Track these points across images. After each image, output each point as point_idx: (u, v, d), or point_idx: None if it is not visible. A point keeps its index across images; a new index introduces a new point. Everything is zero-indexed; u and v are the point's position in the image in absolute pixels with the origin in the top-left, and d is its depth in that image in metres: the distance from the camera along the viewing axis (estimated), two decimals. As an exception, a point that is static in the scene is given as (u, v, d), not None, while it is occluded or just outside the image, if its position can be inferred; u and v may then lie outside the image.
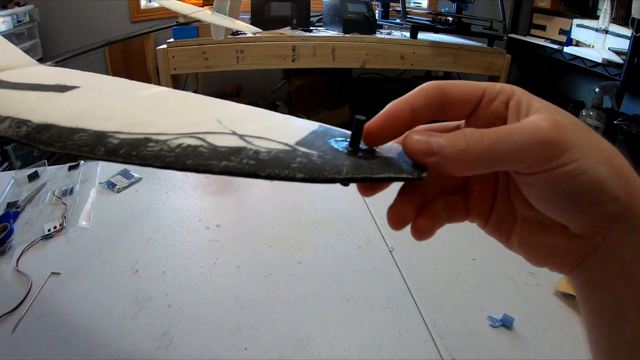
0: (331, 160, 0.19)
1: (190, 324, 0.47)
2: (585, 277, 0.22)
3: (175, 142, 0.20)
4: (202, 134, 0.21)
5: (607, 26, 1.64)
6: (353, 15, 1.80)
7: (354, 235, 0.64)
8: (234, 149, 0.19)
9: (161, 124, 0.23)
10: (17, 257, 0.55)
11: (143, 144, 0.21)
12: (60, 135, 0.23)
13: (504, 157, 0.19)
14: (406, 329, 0.47)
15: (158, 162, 0.20)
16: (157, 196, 0.72)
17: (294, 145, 0.20)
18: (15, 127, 0.25)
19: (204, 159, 0.19)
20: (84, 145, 0.22)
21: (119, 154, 0.21)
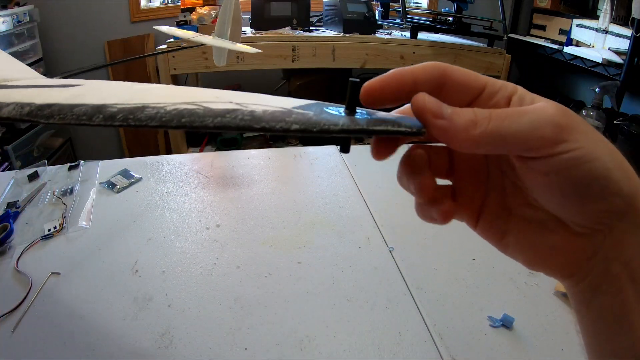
0: (327, 117, 0.19)
1: (190, 324, 0.47)
2: (586, 282, 0.21)
3: (172, 107, 0.21)
4: (200, 102, 0.21)
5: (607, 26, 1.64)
6: (353, 15, 1.80)
7: (354, 235, 0.64)
8: (229, 110, 0.20)
9: (160, 99, 0.23)
10: (17, 257, 0.55)
11: (140, 110, 0.21)
12: (62, 109, 0.24)
13: (511, 137, 0.18)
14: (406, 329, 0.47)
15: (153, 121, 0.20)
16: (157, 196, 0.72)
17: (290, 108, 0.20)
18: (18, 109, 0.26)
19: (199, 116, 0.19)
20: (83, 115, 0.22)
21: (116, 118, 0.21)
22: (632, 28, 1.49)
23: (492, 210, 0.24)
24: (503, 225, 0.23)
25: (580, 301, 0.22)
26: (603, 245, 0.20)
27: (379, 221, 0.67)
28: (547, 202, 0.20)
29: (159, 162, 0.84)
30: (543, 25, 2.12)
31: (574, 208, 0.19)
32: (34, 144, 1.80)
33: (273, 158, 0.88)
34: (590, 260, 0.20)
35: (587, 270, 0.21)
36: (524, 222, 0.22)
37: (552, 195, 0.20)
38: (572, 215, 0.20)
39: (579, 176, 0.18)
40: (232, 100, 0.22)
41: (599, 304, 0.21)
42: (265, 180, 0.79)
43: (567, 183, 0.19)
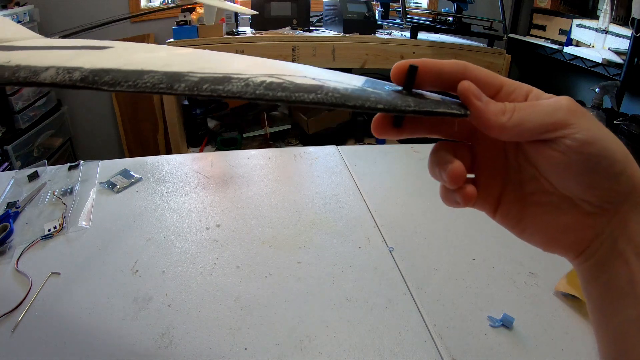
0: (398, 98, 0.21)
1: (190, 324, 0.47)
2: (595, 258, 0.23)
3: (257, 79, 0.21)
4: (279, 75, 0.22)
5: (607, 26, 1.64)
6: (353, 15, 1.80)
7: (354, 235, 0.64)
8: (315, 86, 0.21)
9: (232, 68, 0.23)
10: (17, 257, 0.55)
11: (226, 80, 0.21)
12: (127, 76, 0.23)
13: (531, 123, 0.22)
14: (406, 329, 0.47)
15: (248, 94, 0.20)
16: (157, 196, 0.72)
17: (361, 86, 0.22)
18: (65, 73, 0.24)
19: (292, 91, 0.20)
20: (160, 83, 0.21)
21: (202, 88, 0.21)
22: (632, 28, 1.49)
23: (510, 199, 0.26)
24: (520, 212, 0.26)
25: (589, 279, 0.24)
26: (610, 224, 0.22)
27: (379, 221, 0.67)
28: (560, 182, 0.23)
29: (159, 162, 0.84)
30: (543, 25, 2.12)
31: (584, 186, 0.22)
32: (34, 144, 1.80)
33: (273, 158, 0.88)
34: (599, 237, 0.23)
35: (596, 247, 0.23)
36: (538, 207, 0.25)
37: (566, 174, 0.22)
38: (582, 194, 0.23)
39: (589, 154, 0.21)
40: (303, 74, 0.23)
41: (607, 279, 0.23)
42: (265, 180, 0.79)
43: (578, 161, 0.21)
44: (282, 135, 1.88)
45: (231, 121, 1.90)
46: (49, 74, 0.25)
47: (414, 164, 0.89)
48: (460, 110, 0.22)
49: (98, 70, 0.24)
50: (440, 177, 0.25)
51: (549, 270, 0.57)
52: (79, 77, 0.24)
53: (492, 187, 0.27)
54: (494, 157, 0.26)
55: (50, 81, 0.24)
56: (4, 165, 1.60)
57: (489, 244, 0.63)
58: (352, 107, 0.20)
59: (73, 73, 0.24)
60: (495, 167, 0.26)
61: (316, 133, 1.84)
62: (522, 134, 0.22)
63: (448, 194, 0.25)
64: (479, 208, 0.28)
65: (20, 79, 0.25)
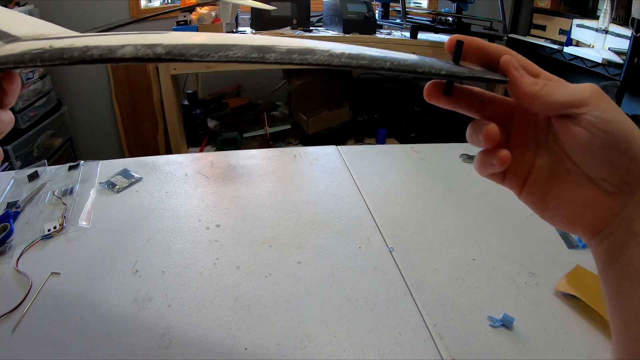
0: (453, 67, 0.25)
1: (190, 324, 0.47)
2: (611, 239, 0.25)
3: (336, 50, 0.23)
4: (351, 49, 0.24)
5: (607, 26, 1.64)
6: (353, 16, 1.80)
7: (354, 235, 0.64)
8: (385, 57, 0.23)
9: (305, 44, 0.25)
10: (17, 257, 0.55)
11: (310, 51, 0.23)
12: (217, 48, 0.23)
13: (558, 97, 0.25)
14: (406, 329, 0.47)
15: (335, 62, 0.22)
16: (157, 196, 0.72)
17: (419, 58, 0.25)
18: (145, 49, 0.25)
19: (371, 60, 0.23)
20: (251, 53, 0.22)
21: (292, 57, 0.22)
22: (632, 28, 1.49)
23: (536, 178, 0.28)
24: (544, 190, 0.28)
25: (606, 260, 0.26)
26: (627, 206, 0.24)
27: (379, 221, 0.67)
28: (583, 159, 0.25)
29: (159, 162, 0.84)
30: (543, 25, 2.12)
31: (603, 163, 0.24)
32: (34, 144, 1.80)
33: (273, 158, 0.88)
34: (615, 218, 0.25)
35: (612, 228, 0.25)
36: (561, 185, 0.27)
37: (587, 150, 0.25)
38: (601, 172, 0.25)
39: (608, 132, 0.23)
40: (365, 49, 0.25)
41: (623, 261, 0.24)
42: (265, 180, 0.79)
43: (599, 138, 0.24)
44: (282, 135, 1.88)
45: (231, 121, 1.90)
46: (127, 50, 0.25)
47: (414, 164, 0.89)
48: (502, 77, 0.26)
49: (181, 45, 0.24)
50: (478, 140, 0.28)
51: (549, 270, 0.57)
52: (163, 51, 0.24)
53: (522, 165, 0.29)
54: (526, 138, 0.29)
55: (130, 56, 0.25)
56: (4, 165, 1.60)
57: (489, 244, 0.63)
58: (421, 73, 0.23)
59: (155, 48, 0.25)
60: (526, 147, 0.29)
61: (316, 133, 1.84)
62: (550, 105, 0.25)
63: (485, 159, 0.28)
64: (508, 185, 0.30)
65: (95, 56, 0.26)
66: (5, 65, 0.29)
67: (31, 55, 0.29)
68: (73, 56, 0.27)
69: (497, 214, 0.70)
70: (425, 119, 1.89)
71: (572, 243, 0.64)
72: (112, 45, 0.26)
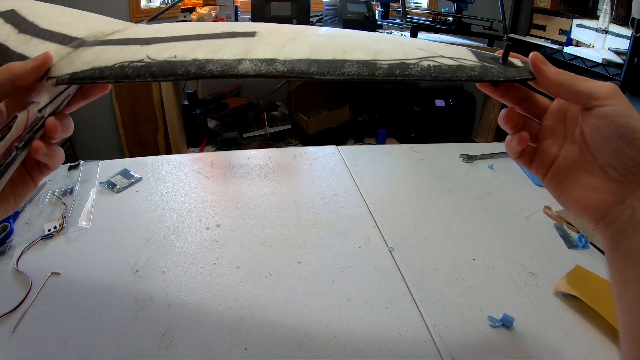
0: (506, 69, 0.30)
1: (190, 324, 0.47)
2: (616, 225, 0.28)
3: (423, 63, 0.28)
4: (430, 58, 0.28)
5: (607, 26, 1.64)
6: (353, 15, 1.80)
7: (353, 235, 0.64)
8: (461, 66, 0.29)
9: (392, 54, 0.29)
10: (17, 257, 0.55)
11: (406, 66, 0.27)
12: (333, 64, 0.27)
13: (580, 88, 0.29)
14: (406, 329, 0.47)
15: (429, 75, 0.27)
16: (157, 196, 0.72)
17: (480, 62, 0.30)
18: (264, 65, 0.27)
19: (452, 72, 0.28)
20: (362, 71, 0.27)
21: (396, 73, 0.27)
22: (632, 28, 1.49)
23: (559, 165, 0.33)
24: (563, 176, 0.32)
25: (612, 246, 0.29)
26: (631, 195, 0.27)
27: (379, 221, 0.67)
28: (596, 146, 0.29)
29: (159, 162, 0.84)
30: (543, 25, 2.12)
31: (611, 150, 0.28)
32: (34, 144, 1.80)
33: (273, 158, 0.88)
34: (620, 205, 0.28)
35: (617, 214, 0.28)
36: (579, 172, 0.31)
37: (598, 136, 0.29)
38: (609, 158, 0.28)
39: (617, 123, 0.27)
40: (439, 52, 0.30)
41: (627, 247, 0.27)
42: (265, 180, 0.79)
43: (609, 127, 0.28)
44: (282, 135, 1.88)
45: (231, 121, 1.90)
46: (245, 67, 0.27)
47: (414, 164, 0.89)
48: (530, 74, 0.30)
49: (295, 61, 0.27)
50: (505, 126, 0.33)
51: (549, 270, 0.57)
52: (284, 69, 0.27)
53: (548, 154, 0.33)
54: (555, 132, 0.33)
55: (253, 72, 0.27)
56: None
57: (489, 244, 0.63)
58: (488, 80, 0.29)
59: (274, 65, 0.27)
60: (555, 139, 0.33)
61: (316, 133, 1.84)
62: (572, 94, 0.29)
63: (510, 142, 0.33)
64: (534, 171, 0.35)
65: (215, 72, 0.27)
66: (105, 80, 0.29)
67: (134, 70, 0.29)
68: (189, 72, 0.28)
69: (497, 214, 0.70)
70: (425, 119, 1.89)
71: (572, 243, 0.64)
72: (228, 60, 0.27)
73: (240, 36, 0.31)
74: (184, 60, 0.28)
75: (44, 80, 0.30)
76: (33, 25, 0.38)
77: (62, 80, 0.30)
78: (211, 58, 0.28)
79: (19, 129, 0.28)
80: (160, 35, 0.33)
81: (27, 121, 0.28)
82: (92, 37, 0.36)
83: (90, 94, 0.35)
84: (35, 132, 0.29)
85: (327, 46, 0.29)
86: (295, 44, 0.29)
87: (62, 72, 0.30)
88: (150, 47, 0.31)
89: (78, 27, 0.38)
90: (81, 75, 0.29)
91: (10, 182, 0.32)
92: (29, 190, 0.34)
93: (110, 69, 0.29)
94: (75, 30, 0.37)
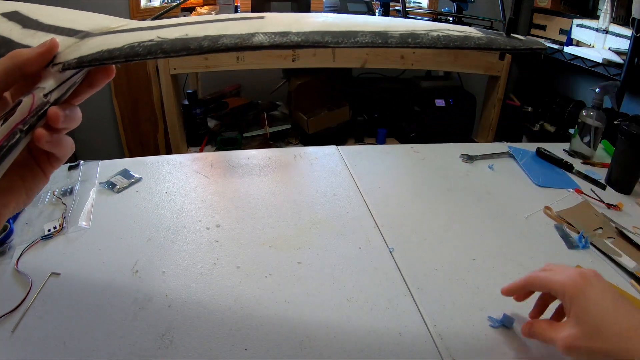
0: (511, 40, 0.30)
1: (190, 324, 0.47)
2: None
3: (432, 34, 0.28)
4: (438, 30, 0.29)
5: (607, 26, 1.64)
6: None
7: (354, 235, 0.64)
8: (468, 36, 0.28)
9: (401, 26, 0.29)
10: (17, 257, 0.55)
11: (417, 35, 0.27)
12: (346, 34, 0.27)
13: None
14: (406, 329, 0.47)
15: (440, 43, 0.27)
16: (157, 196, 0.72)
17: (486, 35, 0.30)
18: (278, 37, 0.27)
19: (462, 41, 0.28)
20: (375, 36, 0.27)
21: (407, 41, 0.27)
22: (632, 28, 1.49)
23: None
24: None
25: None
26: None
27: (379, 221, 0.67)
28: None
29: (159, 162, 0.84)
30: (543, 25, 2.11)
31: None
32: (34, 143, 1.80)
33: (273, 158, 0.88)
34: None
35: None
36: None
37: None
38: None
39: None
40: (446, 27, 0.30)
41: None
42: (265, 180, 0.79)
43: None
44: (282, 135, 1.88)
45: (231, 121, 1.90)
46: (259, 39, 0.26)
47: (414, 164, 0.89)
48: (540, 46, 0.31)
49: (309, 32, 0.27)
50: None
51: (549, 271, 0.57)
52: (298, 39, 0.26)
53: None
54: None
55: (269, 43, 0.26)
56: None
57: (489, 244, 0.62)
58: (496, 48, 0.29)
59: (288, 36, 0.26)
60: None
61: (316, 133, 1.84)
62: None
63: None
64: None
65: (230, 45, 0.27)
66: (114, 60, 0.28)
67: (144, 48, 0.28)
68: (202, 46, 0.27)
69: (497, 214, 0.70)
70: (425, 119, 1.89)
71: (572, 243, 0.64)
72: (242, 34, 0.27)
73: (248, 19, 0.31)
74: (196, 36, 0.28)
75: (50, 66, 0.30)
76: (37, 22, 0.38)
77: (69, 65, 0.30)
78: (223, 33, 0.28)
79: (24, 112, 0.28)
80: (167, 23, 0.34)
81: (33, 105, 0.28)
82: (97, 31, 0.36)
83: (97, 82, 0.34)
84: (40, 117, 0.29)
85: (338, 23, 0.29)
86: (305, 22, 0.29)
87: (68, 58, 0.30)
88: (159, 30, 0.31)
89: (84, 23, 0.38)
90: (88, 58, 0.29)
91: (21, 175, 0.32)
92: (40, 184, 0.34)
93: (120, 49, 0.29)
94: (81, 25, 0.37)
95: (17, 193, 0.32)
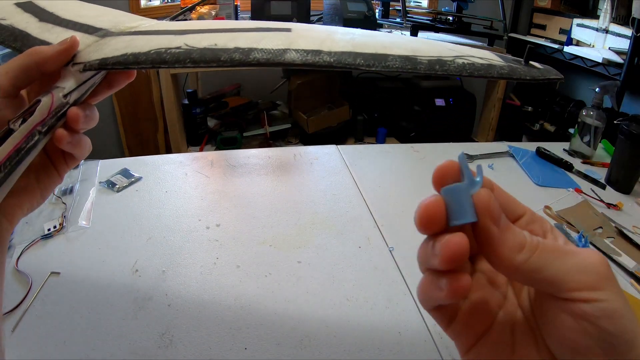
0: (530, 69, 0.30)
1: (190, 324, 0.47)
2: None
3: (458, 61, 0.28)
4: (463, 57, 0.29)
5: (607, 26, 1.64)
6: (353, 15, 1.80)
7: (354, 235, 0.64)
8: (492, 65, 0.29)
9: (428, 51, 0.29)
10: (17, 256, 0.55)
11: (444, 62, 0.28)
12: (377, 57, 0.27)
13: (553, 273, 0.18)
14: (406, 329, 0.47)
15: (465, 71, 0.28)
16: (157, 196, 0.72)
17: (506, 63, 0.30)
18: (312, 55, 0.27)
19: (485, 69, 0.28)
20: (405, 61, 0.27)
21: (434, 67, 0.27)
22: (632, 28, 1.49)
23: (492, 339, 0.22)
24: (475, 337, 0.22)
25: None
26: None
27: (379, 221, 0.67)
28: (562, 345, 0.19)
29: (159, 162, 0.84)
30: (543, 24, 2.11)
31: (579, 355, 0.18)
32: (33, 143, 1.80)
33: (273, 158, 0.88)
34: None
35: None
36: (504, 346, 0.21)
37: (575, 340, 0.18)
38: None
39: (610, 327, 0.18)
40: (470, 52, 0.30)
41: None
42: (265, 179, 0.79)
43: (589, 333, 0.18)
44: (282, 135, 1.88)
45: (231, 120, 1.90)
46: (291, 56, 0.26)
47: (414, 164, 0.89)
48: (558, 76, 0.31)
49: (341, 53, 0.27)
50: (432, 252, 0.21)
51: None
52: (329, 60, 0.27)
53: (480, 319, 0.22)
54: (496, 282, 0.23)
55: (300, 62, 0.26)
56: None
57: (489, 244, 0.62)
58: (517, 78, 0.29)
59: (320, 55, 0.27)
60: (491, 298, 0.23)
61: (316, 132, 1.84)
62: (538, 283, 0.19)
63: (432, 282, 0.20)
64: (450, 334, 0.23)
65: (262, 60, 0.27)
66: (140, 65, 0.28)
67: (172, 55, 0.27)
68: (233, 59, 0.27)
69: (497, 214, 0.70)
70: (425, 119, 1.89)
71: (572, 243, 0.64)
72: (274, 49, 0.27)
73: (276, 31, 0.31)
74: (226, 47, 0.28)
75: (70, 65, 0.29)
76: (54, 16, 0.37)
77: (91, 66, 0.29)
78: (255, 47, 0.27)
79: (43, 112, 0.27)
80: (191, 27, 0.33)
81: (52, 106, 0.27)
82: (116, 29, 0.35)
83: (117, 83, 0.33)
84: (59, 118, 0.28)
85: (367, 43, 0.29)
86: (334, 39, 0.29)
87: (90, 58, 0.29)
88: (185, 36, 0.30)
89: (101, 20, 0.37)
90: (112, 60, 0.28)
91: (35, 175, 0.32)
92: (54, 183, 0.33)
93: (146, 54, 0.28)
94: (99, 22, 0.36)
95: (31, 194, 0.32)
